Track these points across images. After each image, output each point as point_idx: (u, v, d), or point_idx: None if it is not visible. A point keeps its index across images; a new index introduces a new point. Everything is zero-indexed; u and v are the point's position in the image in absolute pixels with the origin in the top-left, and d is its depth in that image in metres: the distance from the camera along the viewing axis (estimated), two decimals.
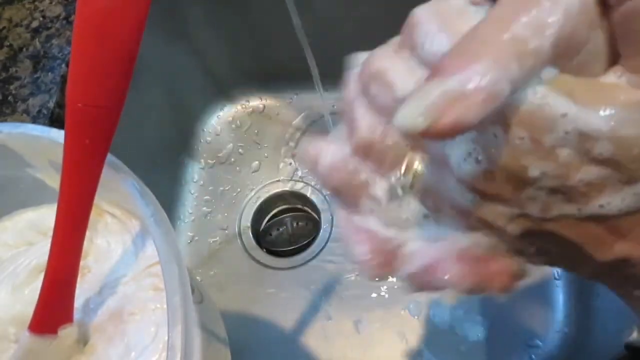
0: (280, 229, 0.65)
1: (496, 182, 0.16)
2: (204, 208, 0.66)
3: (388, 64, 0.18)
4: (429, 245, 0.19)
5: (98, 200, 0.35)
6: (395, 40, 0.19)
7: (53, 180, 0.40)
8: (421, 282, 0.19)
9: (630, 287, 0.19)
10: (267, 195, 0.66)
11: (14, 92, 0.50)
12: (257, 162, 0.68)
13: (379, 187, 0.19)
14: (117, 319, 0.37)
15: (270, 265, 0.62)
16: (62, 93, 0.49)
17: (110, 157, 0.32)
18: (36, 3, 0.55)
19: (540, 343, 0.53)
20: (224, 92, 0.72)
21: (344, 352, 0.56)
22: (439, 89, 0.14)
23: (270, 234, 0.65)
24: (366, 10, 0.60)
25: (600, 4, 0.15)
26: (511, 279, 0.19)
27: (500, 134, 0.15)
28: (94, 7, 0.26)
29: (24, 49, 0.52)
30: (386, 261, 0.19)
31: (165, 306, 0.30)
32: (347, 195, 0.20)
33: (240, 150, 0.70)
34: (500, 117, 0.15)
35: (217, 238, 0.64)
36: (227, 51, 0.68)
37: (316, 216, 0.64)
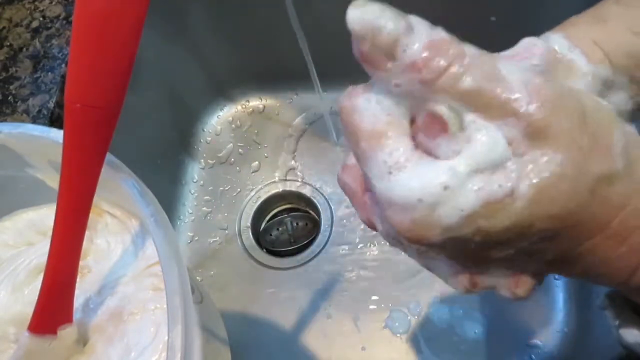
0: (280, 229, 0.65)
1: None
2: (204, 208, 0.67)
3: None
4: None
5: (98, 200, 0.35)
6: None
7: (53, 180, 0.40)
8: None
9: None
10: (267, 195, 0.66)
11: (14, 92, 0.50)
12: (257, 162, 0.68)
13: None
14: (117, 319, 0.37)
15: (270, 265, 0.62)
16: (62, 93, 0.49)
17: (110, 157, 0.32)
18: (36, 3, 0.55)
19: (540, 343, 0.53)
20: (224, 92, 0.72)
21: (344, 352, 0.56)
22: None
23: (270, 234, 0.65)
24: None
25: None
26: None
27: None
28: (93, 7, 0.26)
29: (24, 49, 0.53)
30: None
31: (165, 306, 0.30)
32: None
33: (240, 150, 0.70)
34: None
35: (217, 238, 0.64)
36: (227, 51, 0.68)
37: (316, 216, 0.64)
